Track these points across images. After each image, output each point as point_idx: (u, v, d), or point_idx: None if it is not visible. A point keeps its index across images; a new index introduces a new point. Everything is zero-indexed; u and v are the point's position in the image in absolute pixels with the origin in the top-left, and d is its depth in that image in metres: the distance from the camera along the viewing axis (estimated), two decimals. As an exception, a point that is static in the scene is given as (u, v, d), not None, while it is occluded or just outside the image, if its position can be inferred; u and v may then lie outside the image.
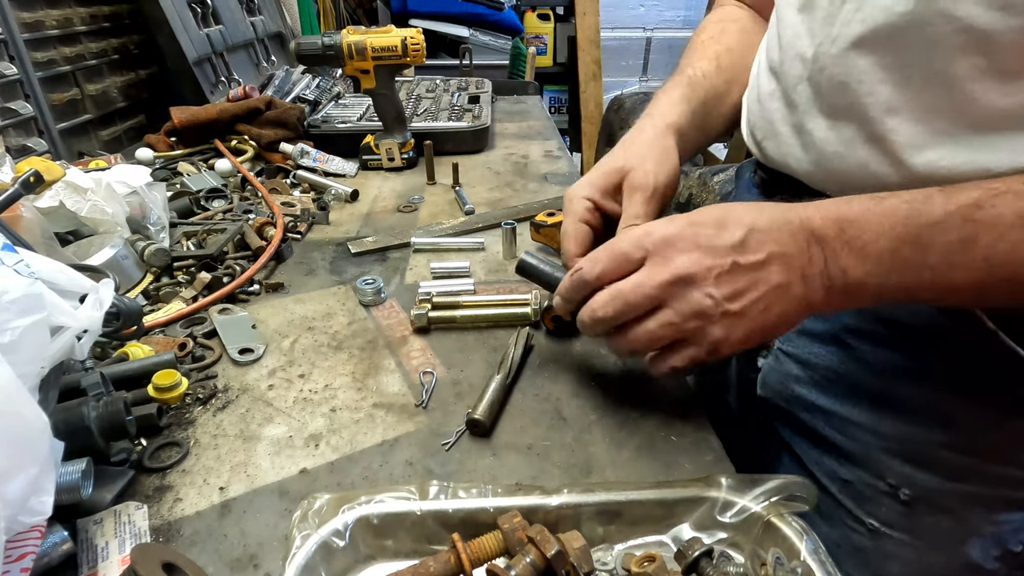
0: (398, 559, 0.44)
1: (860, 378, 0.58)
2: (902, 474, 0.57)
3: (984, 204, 0.41)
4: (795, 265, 0.47)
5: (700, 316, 0.47)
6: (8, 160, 0.79)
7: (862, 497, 0.60)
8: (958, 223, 0.42)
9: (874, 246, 0.44)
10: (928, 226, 0.43)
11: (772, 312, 0.48)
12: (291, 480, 0.51)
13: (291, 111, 1.25)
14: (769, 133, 0.61)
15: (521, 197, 1.11)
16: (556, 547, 0.39)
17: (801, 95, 0.56)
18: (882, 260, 0.44)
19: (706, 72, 0.72)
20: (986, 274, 0.42)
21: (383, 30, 1.17)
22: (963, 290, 0.43)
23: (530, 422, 0.57)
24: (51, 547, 0.42)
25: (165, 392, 0.58)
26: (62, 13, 1.17)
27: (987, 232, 0.41)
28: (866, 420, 0.58)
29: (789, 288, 0.47)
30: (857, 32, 0.49)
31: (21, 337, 0.40)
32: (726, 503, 0.44)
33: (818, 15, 0.53)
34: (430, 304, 0.72)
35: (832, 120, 0.53)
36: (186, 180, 1.07)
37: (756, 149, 0.65)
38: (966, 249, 0.42)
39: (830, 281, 0.46)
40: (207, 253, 0.83)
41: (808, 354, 0.61)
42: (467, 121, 1.35)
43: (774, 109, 0.60)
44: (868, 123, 0.50)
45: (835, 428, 0.60)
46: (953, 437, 0.54)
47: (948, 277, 0.43)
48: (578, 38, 3.48)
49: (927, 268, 0.43)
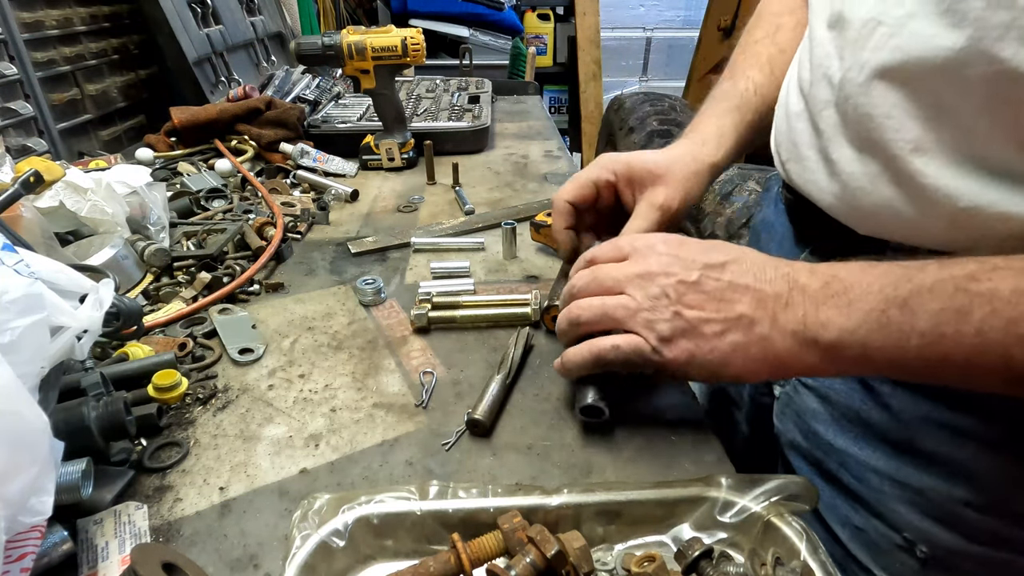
0: (398, 559, 0.44)
1: (882, 423, 0.54)
2: (920, 529, 0.53)
3: (980, 277, 0.39)
4: (767, 305, 0.46)
5: (651, 307, 0.48)
6: (8, 160, 0.79)
7: (875, 548, 0.56)
8: (950, 291, 0.39)
9: (860, 303, 0.42)
10: (918, 291, 0.40)
11: (726, 340, 0.46)
12: (291, 480, 0.51)
13: (291, 111, 1.25)
14: (794, 155, 0.58)
15: (521, 197, 1.11)
16: (556, 547, 0.39)
17: (827, 121, 0.53)
18: (867, 319, 0.42)
19: (758, 85, 0.69)
20: (978, 351, 0.39)
21: (383, 30, 1.17)
22: (953, 366, 0.40)
23: (530, 422, 0.57)
24: (51, 547, 0.42)
25: (165, 392, 0.58)
26: (62, 13, 1.17)
27: (981, 305, 0.38)
28: (885, 467, 0.54)
29: (753, 324, 0.46)
30: (888, 60, 0.45)
31: (21, 337, 0.40)
32: (726, 503, 0.44)
33: (849, 35, 0.49)
34: (430, 304, 0.72)
35: (858, 152, 0.50)
36: (186, 180, 1.07)
37: (781, 168, 0.62)
38: (958, 320, 0.39)
39: (807, 333, 0.44)
40: (207, 253, 0.83)
41: (828, 389, 0.59)
42: (467, 121, 1.35)
43: (800, 130, 0.57)
44: (894, 160, 0.46)
45: (851, 472, 0.57)
46: (981, 496, 0.50)
47: (937, 349, 0.40)
48: (578, 38, 3.48)
49: (915, 334, 0.40)
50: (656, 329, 0.48)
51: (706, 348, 0.47)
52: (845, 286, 0.44)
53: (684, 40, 4.06)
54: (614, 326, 0.51)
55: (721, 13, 2.78)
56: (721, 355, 0.47)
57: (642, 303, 0.49)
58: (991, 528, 0.50)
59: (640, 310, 0.49)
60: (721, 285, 0.48)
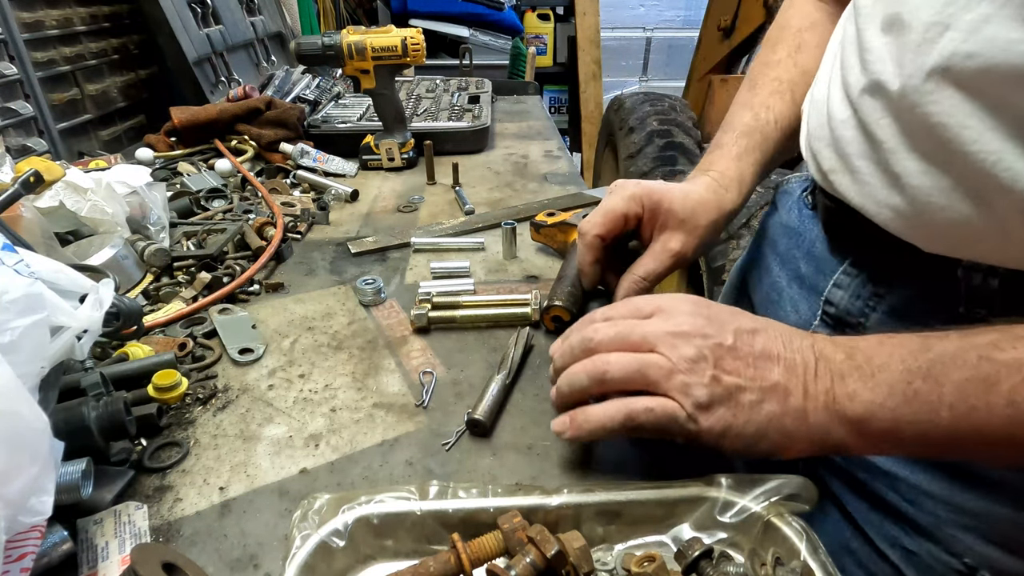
0: (398, 559, 0.44)
1: None
2: (982, 555, 0.51)
3: (1004, 346, 0.38)
4: (798, 374, 0.44)
5: (689, 369, 0.44)
6: (8, 160, 0.79)
7: (930, 572, 0.54)
8: (974, 361, 0.38)
9: (883, 375, 0.41)
10: (941, 360, 0.39)
11: (763, 411, 0.44)
12: (291, 480, 0.51)
13: (291, 111, 1.25)
14: (842, 166, 0.54)
15: (521, 197, 1.11)
16: (556, 547, 0.39)
17: (886, 131, 0.48)
18: (893, 391, 0.40)
19: (779, 117, 0.67)
20: (1013, 423, 0.37)
21: (383, 30, 1.17)
22: (992, 442, 0.38)
23: (530, 422, 0.57)
24: (51, 547, 0.42)
25: (165, 392, 0.58)
26: (62, 13, 1.17)
27: (1010, 374, 0.37)
28: (940, 491, 0.52)
29: (788, 395, 0.43)
30: (961, 67, 0.41)
31: (21, 337, 0.40)
32: (726, 503, 0.44)
33: (909, 39, 0.45)
34: (430, 304, 0.72)
35: (928, 164, 0.46)
36: (186, 180, 1.07)
37: (821, 177, 0.58)
38: (987, 390, 0.37)
39: (835, 406, 0.42)
40: (207, 253, 0.83)
41: None
42: (467, 121, 1.35)
43: (849, 139, 0.53)
44: (974, 174, 0.42)
45: (901, 495, 0.54)
46: None
47: (970, 421, 0.38)
48: (578, 38, 3.48)
49: (944, 407, 0.38)
50: (693, 395, 0.44)
51: (743, 419, 0.44)
52: (867, 357, 0.42)
53: (684, 40, 4.06)
54: (646, 387, 0.46)
55: (721, 13, 2.78)
56: (757, 427, 0.44)
57: (678, 364, 0.44)
58: None
59: (676, 372, 0.44)
60: (755, 351, 0.45)
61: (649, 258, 0.63)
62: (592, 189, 1.11)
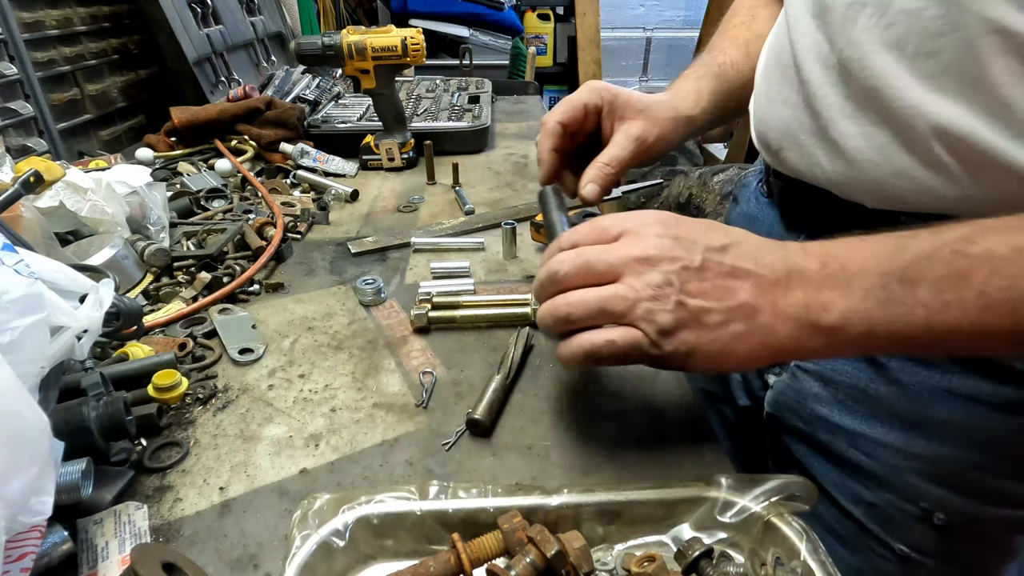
0: (398, 559, 0.44)
1: (892, 398, 0.55)
2: (936, 497, 0.54)
3: (975, 239, 0.39)
4: (768, 291, 0.44)
5: (653, 296, 0.44)
6: (8, 160, 0.79)
7: (891, 521, 0.57)
8: (948, 257, 0.39)
9: (859, 281, 0.42)
10: (916, 260, 0.40)
11: (728, 330, 0.44)
12: (291, 480, 0.51)
13: (291, 111, 1.25)
14: (789, 142, 0.58)
15: (521, 197, 1.11)
16: (556, 547, 0.39)
17: (824, 102, 0.53)
18: (868, 296, 0.41)
19: (735, 61, 0.72)
20: (985, 314, 0.38)
21: (383, 30, 1.17)
22: (962, 334, 0.39)
23: (530, 422, 0.57)
24: (51, 547, 0.42)
25: (165, 392, 0.58)
26: (62, 13, 1.17)
27: (981, 267, 0.38)
28: (897, 441, 0.55)
29: (756, 313, 0.44)
30: (883, 37, 0.47)
31: (21, 337, 0.40)
32: (726, 503, 0.44)
33: (834, 20, 0.51)
34: (430, 304, 0.72)
35: (863, 127, 0.51)
36: (186, 180, 1.07)
37: (772, 159, 0.63)
38: (960, 285, 0.38)
39: (809, 316, 0.43)
40: (207, 253, 0.83)
41: (832, 372, 0.59)
42: (467, 121, 1.35)
43: (790, 117, 0.58)
44: (907, 128, 0.47)
45: (861, 450, 0.58)
46: (993, 459, 0.52)
47: (943, 317, 0.39)
48: (578, 38, 3.48)
49: (919, 305, 0.39)
50: (656, 321, 0.44)
51: (707, 338, 0.44)
52: (841, 264, 0.43)
53: (684, 40, 4.06)
54: (611, 321, 0.46)
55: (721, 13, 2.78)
56: (722, 345, 0.44)
57: (642, 292, 0.44)
58: (1004, 489, 0.52)
59: (640, 300, 0.44)
60: (723, 270, 0.44)
61: (612, 145, 0.64)
62: (592, 189, 1.11)
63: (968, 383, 0.51)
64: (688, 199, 2.36)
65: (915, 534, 0.57)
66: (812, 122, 0.55)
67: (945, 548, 0.56)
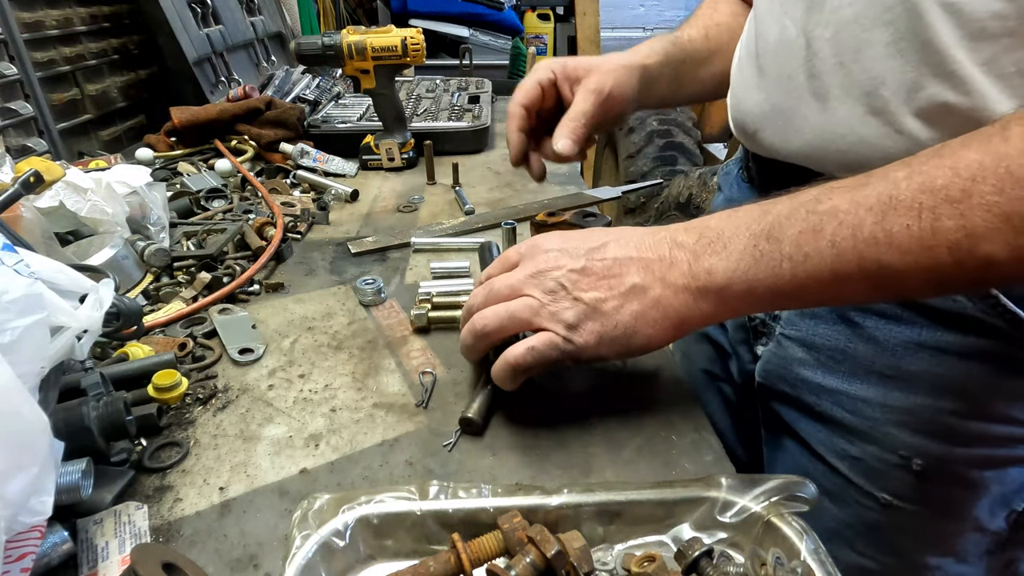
0: (398, 559, 0.44)
1: (869, 355, 0.59)
2: (913, 445, 0.58)
3: (822, 199, 0.44)
4: (654, 269, 0.49)
5: (552, 300, 0.50)
6: (8, 160, 0.79)
7: (874, 472, 0.61)
8: (803, 215, 0.44)
9: (734, 244, 0.47)
10: (778, 220, 0.46)
11: (626, 312, 0.49)
12: (291, 480, 0.51)
13: (291, 111, 1.25)
14: (763, 123, 0.63)
15: (521, 197, 1.11)
16: (556, 547, 0.39)
17: (796, 82, 0.57)
18: (743, 256, 0.46)
19: (692, 37, 0.79)
20: (837, 261, 0.43)
21: (383, 30, 1.17)
22: (823, 282, 0.44)
23: (530, 422, 0.57)
24: (51, 547, 0.42)
25: (165, 392, 0.58)
26: (62, 13, 1.17)
27: (829, 220, 0.43)
28: (875, 396, 0.59)
29: (646, 290, 0.49)
30: (847, 15, 0.52)
31: (21, 337, 0.40)
32: (726, 503, 0.44)
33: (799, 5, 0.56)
34: (430, 304, 0.72)
35: (825, 102, 0.55)
36: (186, 180, 1.07)
37: (750, 142, 0.67)
38: (815, 238, 0.44)
39: (696, 282, 0.48)
40: (207, 253, 0.83)
41: (812, 335, 0.63)
42: (467, 121, 1.35)
43: (761, 101, 0.62)
44: (868, 98, 0.52)
45: (843, 407, 0.61)
46: (963, 404, 0.56)
47: (805, 268, 0.44)
48: (578, 38, 3.48)
49: (785, 259, 0.45)
50: (562, 319, 0.50)
51: (610, 324, 0.49)
52: (717, 233, 0.48)
53: (684, 40, 4.05)
54: (520, 328, 0.52)
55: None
56: (624, 327, 0.49)
57: (542, 299, 0.51)
58: (974, 431, 0.56)
59: (543, 306, 0.51)
60: (607, 263, 0.50)
61: (573, 104, 0.71)
62: (592, 189, 1.11)
63: (936, 335, 0.55)
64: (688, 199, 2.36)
65: (896, 482, 0.60)
66: (785, 101, 0.59)
67: (923, 492, 0.59)
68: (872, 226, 0.41)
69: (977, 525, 0.60)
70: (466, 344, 0.55)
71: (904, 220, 0.40)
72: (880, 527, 0.62)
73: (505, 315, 0.52)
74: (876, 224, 0.41)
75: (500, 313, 0.52)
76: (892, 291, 0.45)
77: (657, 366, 0.65)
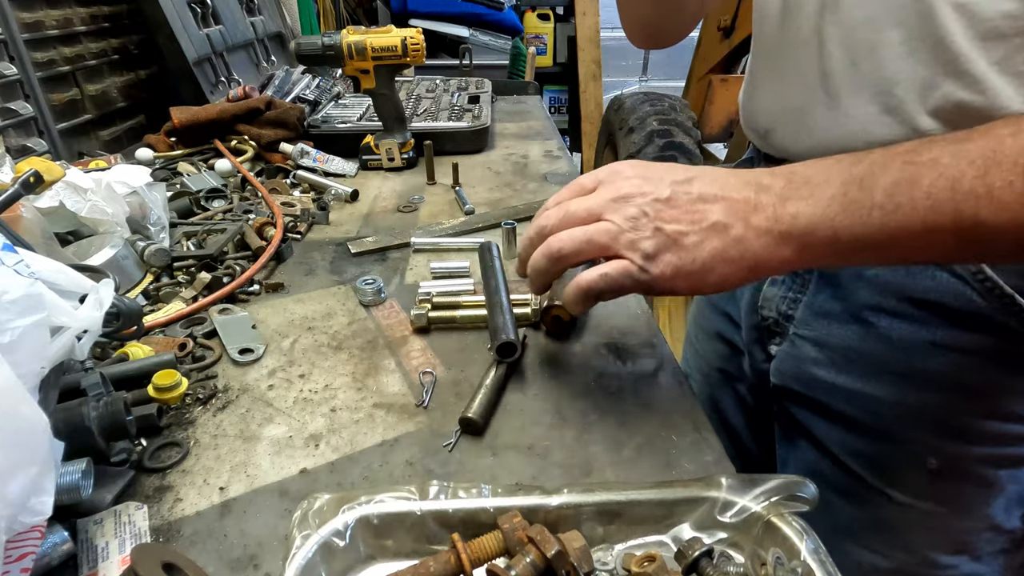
0: (398, 559, 0.44)
1: (882, 354, 0.59)
2: (928, 444, 0.58)
3: (920, 150, 0.43)
4: (738, 209, 0.48)
5: (632, 227, 0.49)
6: (8, 160, 0.79)
7: (888, 471, 0.61)
8: (899, 165, 0.43)
9: (822, 190, 0.46)
10: (871, 169, 0.44)
11: (706, 248, 0.48)
12: (291, 480, 0.51)
13: (291, 111, 1.25)
14: (775, 122, 0.63)
15: (521, 197, 1.11)
16: (556, 547, 0.39)
17: (809, 81, 0.57)
18: (832, 202, 0.45)
19: None
20: (931, 213, 0.42)
21: (383, 30, 1.17)
22: (912, 233, 0.43)
23: (530, 422, 0.57)
24: (51, 547, 0.42)
25: (165, 392, 0.58)
26: (62, 13, 1.17)
27: (928, 172, 0.42)
28: (889, 395, 0.59)
29: (728, 229, 0.48)
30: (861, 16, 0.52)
31: (21, 337, 0.40)
32: (726, 503, 0.44)
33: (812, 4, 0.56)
34: (430, 304, 0.72)
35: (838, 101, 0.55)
36: (186, 180, 1.07)
37: (761, 141, 0.67)
38: (910, 187, 0.42)
39: (779, 226, 0.47)
40: (207, 253, 0.83)
41: (826, 335, 0.63)
42: (467, 121, 1.35)
43: (775, 100, 0.63)
44: (882, 97, 0.52)
45: (857, 406, 0.62)
46: (977, 403, 0.56)
47: (896, 217, 0.43)
48: (578, 38, 3.48)
49: (876, 207, 0.43)
50: (640, 248, 0.49)
51: (688, 259, 0.48)
52: (804, 178, 0.47)
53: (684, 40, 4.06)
54: (598, 254, 0.51)
55: (721, 13, 2.78)
56: (702, 263, 0.48)
57: (623, 225, 0.49)
58: (989, 430, 0.56)
59: (622, 232, 0.49)
60: (692, 197, 0.49)
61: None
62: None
63: (951, 335, 0.55)
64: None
65: (911, 481, 0.60)
66: (797, 99, 0.60)
67: (938, 490, 0.60)
68: (973, 180, 0.40)
69: (992, 524, 0.60)
70: (537, 268, 0.53)
71: (1008, 176, 0.39)
72: (894, 525, 0.62)
73: (583, 238, 0.50)
74: (977, 178, 0.40)
75: (577, 236, 0.50)
76: (978, 250, 0.44)
77: (657, 366, 0.65)
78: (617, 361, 0.66)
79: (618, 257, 0.50)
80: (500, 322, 0.63)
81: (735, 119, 2.84)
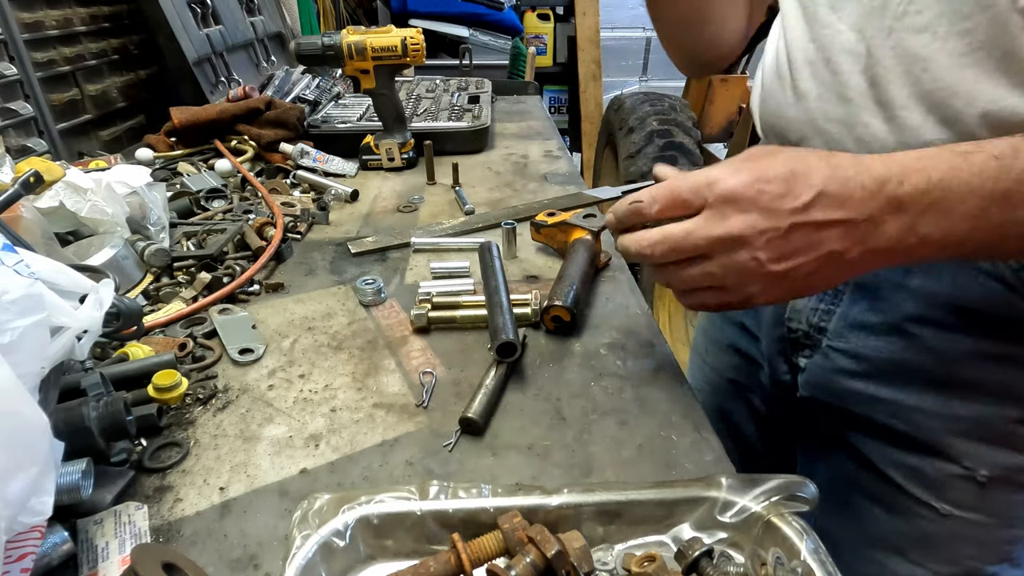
0: (398, 559, 0.44)
1: (927, 365, 0.58)
2: (978, 455, 0.57)
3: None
4: (857, 232, 0.44)
5: (742, 275, 0.47)
6: (8, 160, 0.79)
7: (934, 483, 0.60)
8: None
9: (962, 206, 0.42)
10: (1018, 181, 0.41)
11: (816, 277, 0.47)
12: (291, 480, 0.51)
13: (291, 111, 1.25)
14: (812, 132, 0.59)
15: (521, 197, 1.11)
16: (556, 547, 0.39)
17: (855, 90, 0.54)
18: (968, 219, 0.42)
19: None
20: None
21: (383, 30, 1.17)
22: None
23: (530, 422, 0.57)
24: (51, 547, 0.42)
25: (165, 392, 0.58)
26: (62, 13, 1.17)
27: None
28: (933, 406, 0.58)
29: (843, 255, 0.45)
30: (916, 23, 0.49)
31: (21, 337, 0.40)
32: (726, 503, 0.44)
33: (859, 10, 0.53)
34: (430, 304, 0.72)
35: (890, 111, 0.52)
36: (186, 180, 1.07)
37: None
38: None
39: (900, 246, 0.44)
40: (207, 253, 0.83)
41: (863, 347, 0.61)
42: (467, 121, 1.35)
43: (808, 109, 0.59)
44: (939, 108, 0.49)
45: (900, 418, 0.60)
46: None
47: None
48: (578, 38, 3.48)
49: (1016, 224, 0.41)
50: (746, 291, 0.48)
51: (796, 288, 0.48)
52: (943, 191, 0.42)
53: (684, 40, 4.05)
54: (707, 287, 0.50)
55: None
56: (804, 289, 0.48)
57: (730, 270, 0.47)
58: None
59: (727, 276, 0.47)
60: (810, 228, 0.44)
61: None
62: (592, 189, 1.11)
63: (997, 345, 0.54)
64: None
65: (958, 492, 0.59)
66: (840, 109, 0.56)
67: (987, 502, 0.59)
68: None
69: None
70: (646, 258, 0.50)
71: None
72: (937, 536, 0.61)
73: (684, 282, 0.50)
74: None
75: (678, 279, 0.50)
76: None
77: (657, 366, 0.65)
78: (617, 361, 0.66)
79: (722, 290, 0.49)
80: (500, 322, 0.63)
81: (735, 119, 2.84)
